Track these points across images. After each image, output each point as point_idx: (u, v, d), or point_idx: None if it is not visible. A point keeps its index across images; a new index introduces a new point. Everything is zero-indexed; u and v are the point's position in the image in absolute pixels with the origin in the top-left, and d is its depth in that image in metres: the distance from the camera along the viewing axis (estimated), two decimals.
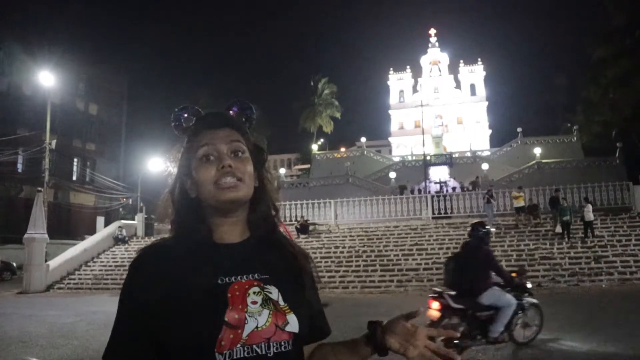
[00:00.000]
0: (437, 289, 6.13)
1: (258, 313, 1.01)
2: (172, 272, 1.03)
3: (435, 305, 5.84)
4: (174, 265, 1.04)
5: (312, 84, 58.63)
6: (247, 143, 1.14)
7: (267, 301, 1.03)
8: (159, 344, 1.00)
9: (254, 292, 1.03)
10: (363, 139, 50.62)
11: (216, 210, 1.10)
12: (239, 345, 0.98)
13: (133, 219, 27.18)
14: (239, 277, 1.05)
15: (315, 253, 18.69)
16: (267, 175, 1.19)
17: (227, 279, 1.04)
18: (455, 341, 5.52)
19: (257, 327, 1.00)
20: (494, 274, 6.11)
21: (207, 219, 1.11)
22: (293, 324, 1.04)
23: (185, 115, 1.19)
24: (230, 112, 1.20)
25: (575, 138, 42.03)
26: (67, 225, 34.63)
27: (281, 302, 1.04)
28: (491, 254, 6.32)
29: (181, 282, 1.01)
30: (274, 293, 1.05)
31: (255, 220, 1.14)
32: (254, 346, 0.99)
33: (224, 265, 1.06)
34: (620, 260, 16.45)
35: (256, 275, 1.06)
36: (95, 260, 22.38)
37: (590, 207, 18.22)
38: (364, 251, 19.56)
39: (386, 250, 19.41)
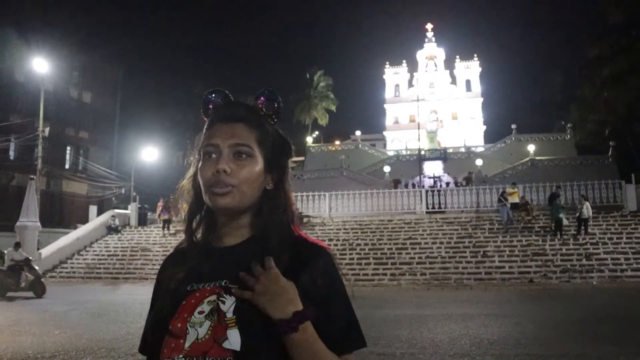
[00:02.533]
0: None
1: (199, 324, 0.96)
2: (165, 277, 1.09)
3: None
4: (170, 269, 1.09)
5: (307, 76, 58.46)
6: (262, 141, 1.07)
7: (213, 312, 0.96)
8: None
9: (208, 301, 0.98)
10: (358, 133, 50.58)
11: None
12: (180, 356, 0.95)
13: (126, 209, 27.07)
14: (206, 285, 1.00)
15: None
16: (286, 177, 1.12)
17: (196, 285, 1.01)
18: None
19: (197, 339, 0.95)
20: None
21: (216, 216, 1.09)
22: (233, 340, 0.93)
23: (214, 100, 1.13)
24: (258, 102, 1.12)
25: (569, 136, 42.19)
26: (59, 213, 34.43)
27: (229, 315, 0.95)
28: None
29: (162, 288, 1.07)
30: (227, 303, 0.96)
31: (258, 223, 1.07)
32: (194, 358, 0.94)
33: (202, 271, 1.03)
34: (611, 257, 16.61)
35: (224, 282, 1.00)
36: (87, 249, 22.30)
37: (588, 204, 18.35)
38: (358, 244, 19.61)
39: (380, 244, 19.47)
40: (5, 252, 14.86)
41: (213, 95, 1.13)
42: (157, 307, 1.05)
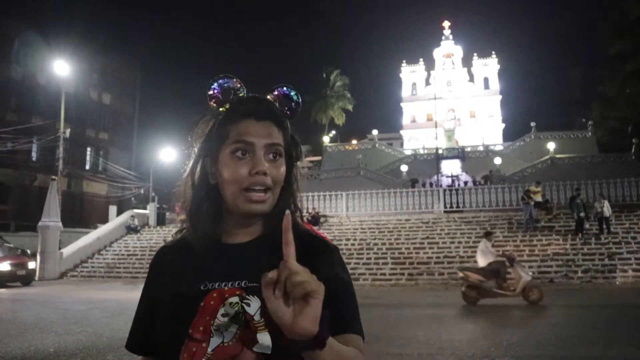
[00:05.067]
0: None
1: (225, 327, 0.91)
2: (169, 273, 1.02)
3: None
4: (174, 265, 1.03)
5: (324, 75, 58.53)
6: (286, 139, 1.03)
7: (239, 315, 0.91)
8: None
9: (230, 303, 0.92)
10: (375, 132, 50.42)
11: (234, 211, 1.01)
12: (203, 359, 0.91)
13: (145, 209, 27.38)
14: (223, 284, 0.95)
15: None
16: (297, 174, 1.08)
17: (210, 285, 0.96)
18: None
19: (222, 343, 0.91)
20: None
21: (223, 211, 1.03)
22: (263, 344, 0.88)
23: (225, 86, 1.03)
24: (274, 94, 1.05)
25: (590, 133, 41.51)
26: (80, 213, 34.98)
27: (257, 317, 0.90)
28: None
29: (169, 285, 1.00)
30: (253, 306, 0.91)
31: (271, 219, 1.01)
32: None
33: (216, 269, 0.97)
34: (635, 257, 16.24)
35: (243, 282, 0.95)
36: (107, 248, 22.61)
37: (607, 202, 18.01)
38: (375, 244, 19.53)
39: (397, 244, 19.37)
40: (480, 244, 11.41)
41: (222, 81, 1.04)
42: (170, 308, 0.97)
